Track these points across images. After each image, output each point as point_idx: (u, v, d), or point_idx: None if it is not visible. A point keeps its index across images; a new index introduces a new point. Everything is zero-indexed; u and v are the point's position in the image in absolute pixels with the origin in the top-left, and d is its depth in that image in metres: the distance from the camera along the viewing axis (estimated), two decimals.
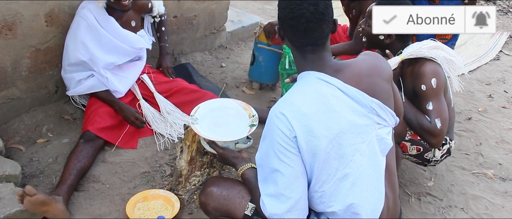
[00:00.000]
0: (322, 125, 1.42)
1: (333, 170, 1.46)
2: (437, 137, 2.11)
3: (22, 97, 2.73)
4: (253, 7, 5.51)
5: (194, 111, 2.02)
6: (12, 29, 2.50)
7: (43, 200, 1.97)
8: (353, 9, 3.19)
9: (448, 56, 2.16)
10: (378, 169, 1.54)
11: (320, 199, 1.50)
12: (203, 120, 1.99)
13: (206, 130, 1.93)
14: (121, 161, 2.55)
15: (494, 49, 4.84)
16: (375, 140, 1.52)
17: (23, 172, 2.37)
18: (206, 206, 1.73)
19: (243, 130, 1.95)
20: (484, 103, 3.70)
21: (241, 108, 2.08)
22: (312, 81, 1.50)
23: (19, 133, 2.69)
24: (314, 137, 1.41)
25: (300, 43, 1.52)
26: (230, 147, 1.88)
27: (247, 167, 1.74)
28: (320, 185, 1.47)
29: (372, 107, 1.51)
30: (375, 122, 1.52)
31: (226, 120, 2.03)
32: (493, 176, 2.76)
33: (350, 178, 1.47)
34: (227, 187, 1.71)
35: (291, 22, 1.48)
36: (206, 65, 3.82)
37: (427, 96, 2.11)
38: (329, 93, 1.47)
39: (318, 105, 1.44)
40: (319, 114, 1.43)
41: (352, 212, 1.49)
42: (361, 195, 1.49)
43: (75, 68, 2.69)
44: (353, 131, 1.47)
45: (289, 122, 1.42)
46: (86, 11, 2.62)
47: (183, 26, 3.65)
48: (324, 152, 1.43)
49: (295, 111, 1.43)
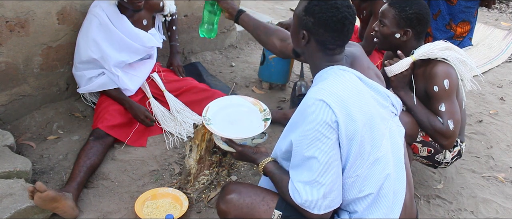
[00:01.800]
0: (358, 108, 1.49)
1: (366, 154, 1.51)
2: (450, 139, 2.10)
3: (33, 94, 2.75)
4: (264, 7, 5.51)
5: (205, 111, 1.99)
6: (24, 26, 2.53)
7: (53, 196, 1.98)
8: (364, 10, 3.18)
9: (461, 57, 2.14)
10: (400, 153, 1.62)
11: (354, 184, 1.53)
12: (215, 119, 1.97)
13: (222, 129, 1.90)
14: (130, 159, 2.56)
15: (506, 51, 4.80)
16: (394, 127, 1.63)
17: (34, 168, 2.39)
18: (227, 215, 1.67)
19: (259, 125, 1.93)
20: (495, 105, 3.66)
21: (250, 103, 2.07)
22: (338, 72, 1.59)
23: (30, 130, 2.71)
24: (352, 121, 1.47)
25: (335, 44, 1.60)
26: (247, 144, 1.87)
27: (268, 161, 1.74)
28: (355, 170, 1.51)
29: (388, 96, 1.65)
30: (390, 111, 1.65)
31: (238, 117, 2.01)
32: (504, 179, 2.73)
33: (381, 162, 1.53)
34: (249, 194, 1.66)
35: (336, 25, 1.55)
36: (216, 64, 3.83)
37: (439, 97, 2.10)
38: (356, 80, 1.58)
39: (351, 89, 1.53)
40: (354, 98, 1.51)
41: (382, 195, 1.54)
42: (390, 179, 1.54)
43: (86, 65, 2.71)
44: (378, 116, 1.56)
45: (330, 107, 1.46)
46: (98, 10, 2.64)
47: (193, 25, 3.66)
48: (360, 135, 1.48)
49: (333, 95, 1.48)
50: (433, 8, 2.95)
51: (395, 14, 2.18)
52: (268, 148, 1.94)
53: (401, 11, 2.16)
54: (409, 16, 2.15)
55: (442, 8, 2.90)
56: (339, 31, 1.56)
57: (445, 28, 2.94)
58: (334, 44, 1.59)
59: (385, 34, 2.23)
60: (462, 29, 2.91)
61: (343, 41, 1.60)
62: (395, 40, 2.23)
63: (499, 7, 6.27)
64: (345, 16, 1.55)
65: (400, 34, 2.20)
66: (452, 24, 2.91)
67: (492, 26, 5.48)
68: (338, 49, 1.62)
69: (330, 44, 1.59)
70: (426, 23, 2.19)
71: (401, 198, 1.58)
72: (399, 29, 2.19)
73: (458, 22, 2.89)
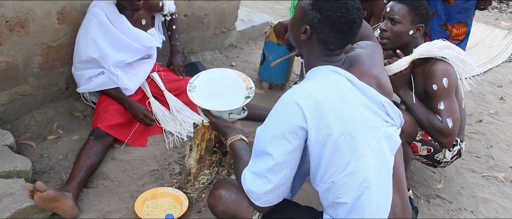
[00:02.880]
0: (336, 115, 1.44)
1: (344, 162, 1.46)
2: (449, 137, 2.11)
3: (33, 93, 2.75)
4: (264, 6, 5.51)
5: (194, 78, 2.01)
6: (24, 26, 2.53)
7: (53, 196, 1.98)
8: (364, 10, 3.17)
9: (460, 56, 2.15)
10: (387, 167, 1.55)
11: (330, 189, 1.51)
12: (201, 88, 1.99)
13: (202, 98, 1.92)
14: (130, 159, 2.56)
15: (506, 51, 4.80)
16: (383, 138, 1.55)
17: (34, 168, 2.39)
18: (214, 209, 1.73)
19: (238, 101, 1.93)
20: (495, 105, 3.66)
21: (240, 79, 2.05)
22: (326, 73, 1.53)
23: (30, 130, 2.71)
24: (326, 126, 1.42)
25: (337, 46, 1.55)
26: (223, 117, 1.88)
27: (237, 138, 1.78)
28: (330, 176, 1.48)
29: (382, 104, 1.56)
30: (383, 120, 1.56)
31: (224, 90, 2.01)
32: (504, 179, 2.73)
33: (360, 174, 1.47)
34: (235, 191, 1.70)
35: (343, 27, 1.50)
36: (216, 64, 3.83)
37: (438, 95, 2.10)
38: (343, 84, 1.51)
39: (332, 94, 1.47)
40: (333, 103, 1.45)
41: (360, 207, 1.50)
42: (369, 192, 1.49)
43: (86, 65, 2.71)
44: (365, 124, 1.49)
45: (302, 110, 1.42)
46: (97, 9, 2.64)
47: (193, 25, 3.66)
48: (334, 142, 1.43)
49: (310, 98, 1.44)
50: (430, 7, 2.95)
51: (409, 11, 2.18)
52: None
53: (415, 8, 2.17)
54: (422, 12, 2.17)
55: (439, 8, 2.90)
56: (345, 34, 1.51)
57: (441, 29, 2.94)
58: (336, 45, 1.54)
59: (398, 32, 2.20)
60: (458, 30, 2.90)
61: (346, 43, 1.55)
62: (407, 38, 2.22)
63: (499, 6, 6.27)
64: (354, 19, 1.50)
65: (414, 31, 2.20)
66: (448, 25, 2.91)
67: (492, 25, 5.48)
68: (338, 50, 1.57)
69: (332, 44, 1.54)
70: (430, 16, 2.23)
71: (386, 209, 1.54)
72: (413, 26, 2.19)
73: (454, 23, 2.89)
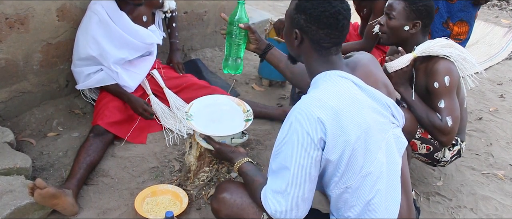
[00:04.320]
0: (352, 120, 1.41)
1: (358, 167, 1.44)
2: (448, 135, 2.10)
3: (33, 91, 2.75)
4: (264, 3, 5.50)
5: (188, 107, 2.04)
6: (24, 23, 2.52)
7: (53, 193, 1.98)
8: (364, 8, 3.17)
9: (462, 54, 2.14)
10: (395, 169, 1.55)
11: (342, 195, 1.48)
12: (198, 116, 2.00)
13: (202, 126, 1.93)
14: (130, 156, 2.56)
15: (506, 49, 4.79)
16: (392, 139, 1.54)
17: (34, 165, 2.39)
18: (218, 213, 1.70)
19: (239, 125, 1.95)
20: (495, 103, 3.66)
21: (234, 103, 2.09)
22: (335, 79, 1.50)
23: (30, 127, 2.71)
24: (344, 133, 1.40)
25: (330, 43, 1.52)
26: (226, 142, 1.88)
27: (244, 161, 1.74)
28: (344, 181, 1.46)
29: (388, 105, 1.55)
30: (390, 121, 1.55)
31: (221, 116, 2.04)
32: (504, 177, 2.74)
33: (372, 177, 1.46)
34: (241, 195, 1.67)
35: (329, 20, 1.48)
36: (216, 61, 3.82)
37: (439, 94, 2.10)
38: (353, 89, 1.49)
39: (345, 99, 1.44)
40: (349, 108, 1.42)
41: (371, 210, 1.48)
42: (380, 195, 1.48)
43: (85, 62, 2.71)
44: (376, 127, 1.48)
45: (321, 122, 1.38)
46: (98, 6, 2.63)
47: (193, 22, 3.66)
48: (352, 148, 1.41)
49: (326, 107, 1.40)
50: None
51: (405, 6, 2.17)
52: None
53: (411, 3, 2.16)
54: (419, 8, 2.15)
55: (441, 5, 2.89)
56: (333, 27, 1.49)
57: (442, 26, 2.93)
58: (329, 41, 1.51)
59: (393, 27, 2.21)
60: (460, 29, 2.90)
61: (338, 38, 1.52)
62: (403, 33, 2.21)
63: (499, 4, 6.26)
64: (338, 11, 1.47)
65: (409, 27, 2.19)
66: (450, 23, 2.90)
67: (492, 23, 5.48)
68: (333, 48, 1.54)
69: (325, 42, 1.51)
70: (433, 16, 2.21)
71: (394, 213, 1.53)
72: (408, 22, 2.18)
73: (456, 21, 2.89)
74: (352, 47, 3.04)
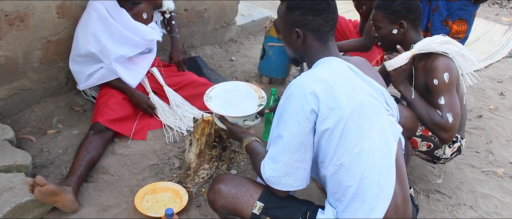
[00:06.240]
0: (345, 95, 1.49)
1: (352, 143, 1.50)
2: (449, 132, 2.11)
3: (33, 88, 2.75)
4: (264, 1, 5.50)
5: (209, 90, 2.20)
6: (24, 20, 2.52)
7: (53, 190, 1.98)
8: (363, 5, 3.17)
9: (460, 51, 2.14)
10: (390, 151, 1.58)
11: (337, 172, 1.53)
12: (216, 98, 2.16)
13: (218, 107, 2.10)
14: (130, 153, 2.56)
15: (506, 46, 4.79)
16: (387, 124, 1.60)
17: (34, 162, 2.40)
18: (214, 204, 1.73)
19: (252, 108, 2.10)
20: (495, 101, 3.66)
21: (252, 90, 2.24)
22: (329, 60, 1.61)
23: (30, 124, 2.71)
24: (337, 106, 1.48)
25: (329, 26, 1.62)
26: (238, 123, 2.02)
27: (252, 139, 1.85)
28: (338, 157, 1.51)
29: (382, 92, 1.64)
30: (384, 108, 1.62)
31: (238, 100, 2.19)
32: (503, 174, 2.74)
33: (365, 154, 1.51)
34: (235, 185, 1.71)
35: (321, 6, 1.59)
36: (216, 58, 3.82)
37: (439, 90, 2.10)
38: (349, 71, 1.58)
39: (341, 77, 1.53)
40: (343, 85, 1.51)
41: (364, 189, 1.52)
42: (373, 173, 1.52)
43: (84, 59, 2.71)
44: (370, 108, 1.55)
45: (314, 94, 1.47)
46: (98, 3, 2.63)
47: (193, 20, 3.66)
48: (346, 121, 1.48)
49: (320, 81, 1.49)
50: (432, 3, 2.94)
51: (383, 14, 2.23)
52: None
53: (387, 8, 2.21)
54: (396, 8, 2.19)
55: (441, 3, 2.89)
56: (326, 10, 1.60)
57: (441, 24, 2.93)
58: (327, 25, 1.61)
59: (383, 35, 2.27)
60: (459, 27, 2.89)
61: (333, 20, 1.63)
62: (394, 37, 2.24)
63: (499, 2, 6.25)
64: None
65: (397, 29, 2.22)
66: (449, 21, 2.90)
67: (492, 21, 5.48)
68: (331, 32, 1.64)
69: (324, 27, 1.61)
70: (416, 9, 2.22)
71: (388, 194, 1.54)
72: (393, 25, 2.22)
73: (456, 19, 2.88)
74: (352, 45, 3.04)
